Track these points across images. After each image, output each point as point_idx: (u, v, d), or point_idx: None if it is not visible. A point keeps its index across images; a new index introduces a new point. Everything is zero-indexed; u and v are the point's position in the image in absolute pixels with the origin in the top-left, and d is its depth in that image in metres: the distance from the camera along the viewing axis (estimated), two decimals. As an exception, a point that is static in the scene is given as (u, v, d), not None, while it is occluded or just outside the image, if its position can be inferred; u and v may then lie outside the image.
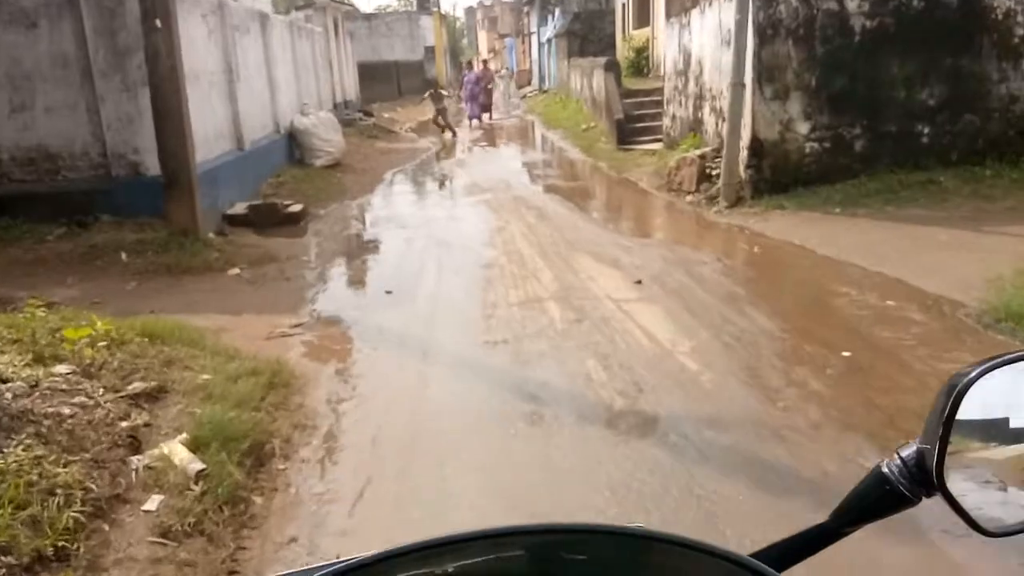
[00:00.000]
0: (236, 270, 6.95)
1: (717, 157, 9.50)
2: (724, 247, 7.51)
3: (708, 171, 9.37)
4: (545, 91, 32.45)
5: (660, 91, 15.67)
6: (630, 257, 7.01)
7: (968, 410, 0.67)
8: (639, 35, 19.33)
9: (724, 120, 9.62)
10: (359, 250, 8.16)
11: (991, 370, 0.67)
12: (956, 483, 0.67)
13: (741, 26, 8.30)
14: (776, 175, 8.63)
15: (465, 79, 22.49)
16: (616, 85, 15.54)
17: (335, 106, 20.04)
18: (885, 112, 8.55)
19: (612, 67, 15.89)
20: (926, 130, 8.57)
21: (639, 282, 6.15)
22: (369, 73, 31.31)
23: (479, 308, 5.78)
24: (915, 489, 0.69)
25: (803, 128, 8.59)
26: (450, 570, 0.62)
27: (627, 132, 14.54)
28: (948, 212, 7.55)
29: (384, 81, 32.38)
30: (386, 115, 25.49)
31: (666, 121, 12.97)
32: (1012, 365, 0.69)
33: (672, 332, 5.03)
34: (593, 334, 5.04)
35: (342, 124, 20.20)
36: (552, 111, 23.48)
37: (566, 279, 6.39)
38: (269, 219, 9.12)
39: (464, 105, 22.53)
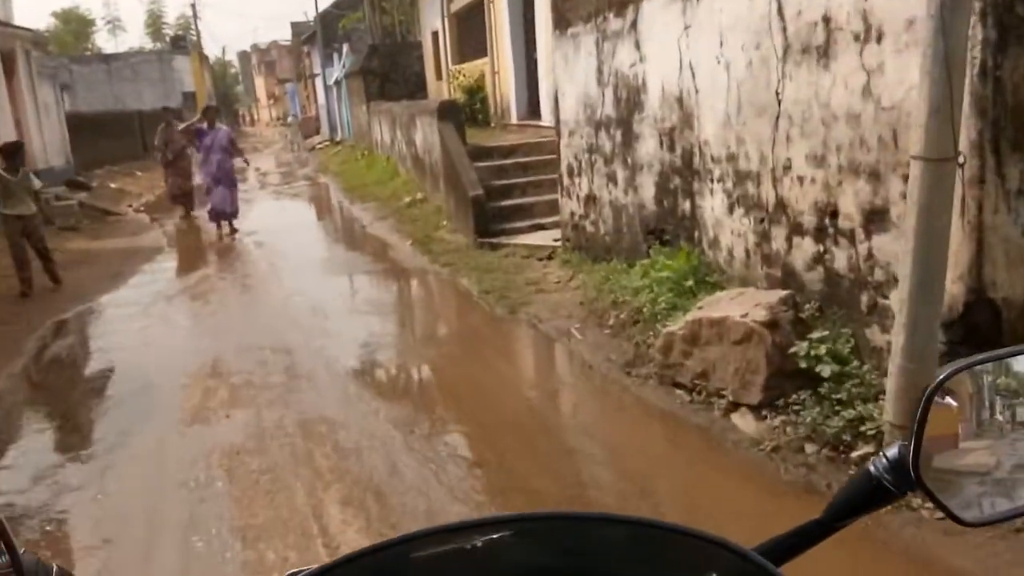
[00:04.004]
0: None
1: (800, 322, 3.89)
2: None
3: (791, 357, 3.73)
4: (338, 142, 26.08)
5: (528, 149, 10.14)
6: None
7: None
8: (470, 70, 13.74)
9: (779, 225, 4.09)
10: None
11: (958, 372, 0.69)
12: (940, 476, 0.68)
13: (955, 5, 2.78)
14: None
15: (203, 144, 10.87)
16: (460, 142, 9.73)
17: (5, 181, 12.35)
18: None
19: (450, 114, 10.04)
20: None
21: None
22: (101, 127, 23.06)
23: None
24: (899, 484, 0.69)
25: (1083, 265, 3.23)
26: (479, 544, 0.66)
27: (489, 216, 8.76)
28: None
29: (124, 136, 24.10)
30: (114, 185, 17.84)
31: (569, 204, 7.34)
32: (979, 367, 0.71)
33: None
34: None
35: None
36: (353, 172, 17.21)
37: None
38: None
39: (206, 193, 11.05)
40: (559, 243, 7.86)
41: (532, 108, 11.56)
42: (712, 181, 4.79)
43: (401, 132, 13.37)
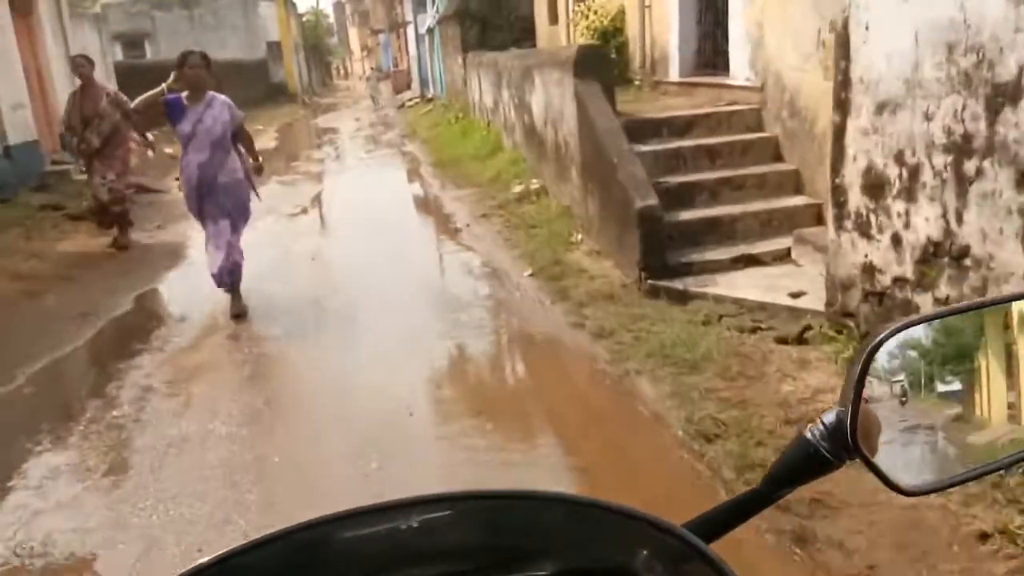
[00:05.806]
0: None
1: None
2: None
3: None
4: (430, 100, 22.66)
5: (714, 123, 6.38)
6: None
7: (891, 370, 0.67)
8: (603, 6, 9.89)
9: None
10: None
11: (897, 332, 0.66)
12: (881, 442, 0.65)
13: None
14: None
15: (182, 130, 4.77)
16: (611, 113, 6.05)
17: (7, 153, 9.46)
18: None
19: (593, 67, 6.32)
20: None
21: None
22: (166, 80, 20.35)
23: None
24: (837, 452, 0.64)
25: None
26: (415, 524, 0.64)
27: (663, 243, 5.12)
28: None
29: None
30: (169, 150, 14.89)
31: (860, 247, 3.63)
32: (919, 327, 0.68)
33: None
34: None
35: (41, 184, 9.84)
36: (445, 140, 13.77)
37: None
38: None
39: (203, 226, 5.23)
40: (802, 300, 4.22)
41: (706, 59, 7.71)
42: None
43: (509, 92, 9.77)
